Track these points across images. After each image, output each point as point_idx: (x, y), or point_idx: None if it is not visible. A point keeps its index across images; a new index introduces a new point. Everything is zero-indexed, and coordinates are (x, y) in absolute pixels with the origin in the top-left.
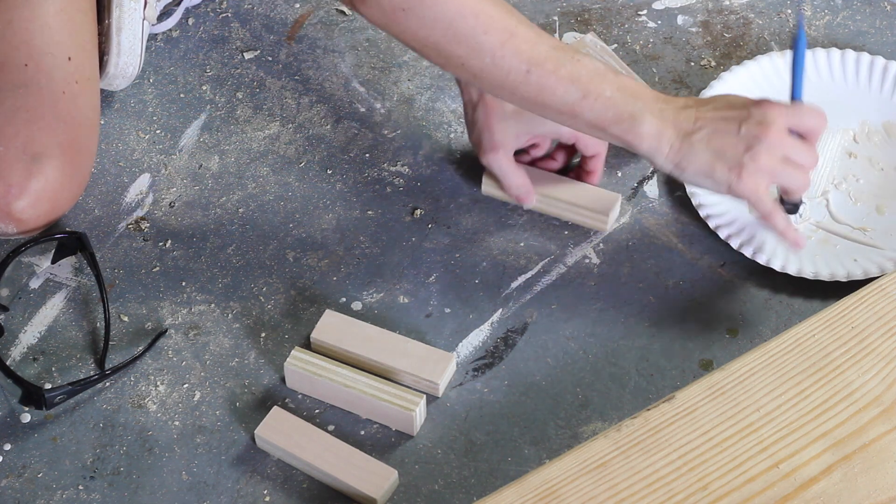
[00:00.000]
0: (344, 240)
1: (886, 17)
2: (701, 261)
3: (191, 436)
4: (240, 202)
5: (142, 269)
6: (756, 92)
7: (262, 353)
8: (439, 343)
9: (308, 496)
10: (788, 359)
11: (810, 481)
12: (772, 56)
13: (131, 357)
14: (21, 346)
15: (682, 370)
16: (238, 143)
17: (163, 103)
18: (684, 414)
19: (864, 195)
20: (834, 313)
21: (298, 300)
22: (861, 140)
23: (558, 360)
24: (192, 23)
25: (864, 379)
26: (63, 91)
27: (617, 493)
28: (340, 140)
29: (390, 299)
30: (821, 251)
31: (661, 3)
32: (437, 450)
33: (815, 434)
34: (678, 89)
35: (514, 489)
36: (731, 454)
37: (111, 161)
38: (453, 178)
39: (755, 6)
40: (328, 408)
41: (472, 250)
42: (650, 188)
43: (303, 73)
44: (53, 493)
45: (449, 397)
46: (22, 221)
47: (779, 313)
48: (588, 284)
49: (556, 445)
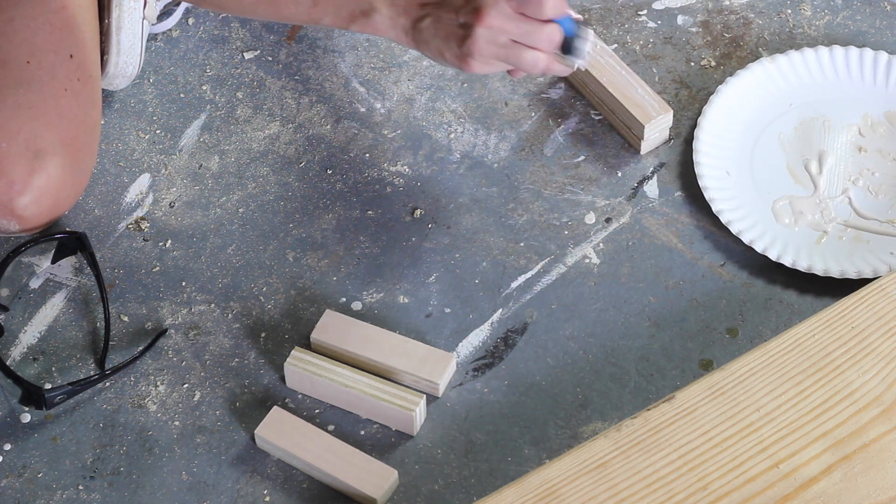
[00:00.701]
0: (344, 240)
1: (886, 16)
2: (701, 261)
3: (191, 436)
4: (240, 202)
5: (142, 269)
6: (761, 94)
7: (262, 353)
8: (439, 343)
9: (308, 496)
10: (788, 359)
11: (810, 481)
12: (791, 54)
13: (131, 357)
14: (21, 346)
15: (682, 370)
16: (238, 143)
17: (163, 103)
18: (684, 414)
19: (883, 187)
20: (834, 313)
21: (298, 300)
22: (867, 133)
23: (558, 360)
24: (192, 23)
25: (864, 379)
26: (65, 88)
27: (617, 493)
28: (340, 140)
29: (390, 299)
30: (856, 249)
31: (661, 3)
32: (437, 450)
33: (815, 434)
34: (678, 89)
35: (514, 489)
36: (731, 454)
37: (111, 161)
38: (453, 178)
39: (755, 6)
40: (328, 408)
41: (472, 250)
42: (650, 188)
43: (303, 73)
44: (53, 493)
45: (449, 397)
46: (24, 218)
47: (779, 313)
48: (588, 284)
49: (556, 445)
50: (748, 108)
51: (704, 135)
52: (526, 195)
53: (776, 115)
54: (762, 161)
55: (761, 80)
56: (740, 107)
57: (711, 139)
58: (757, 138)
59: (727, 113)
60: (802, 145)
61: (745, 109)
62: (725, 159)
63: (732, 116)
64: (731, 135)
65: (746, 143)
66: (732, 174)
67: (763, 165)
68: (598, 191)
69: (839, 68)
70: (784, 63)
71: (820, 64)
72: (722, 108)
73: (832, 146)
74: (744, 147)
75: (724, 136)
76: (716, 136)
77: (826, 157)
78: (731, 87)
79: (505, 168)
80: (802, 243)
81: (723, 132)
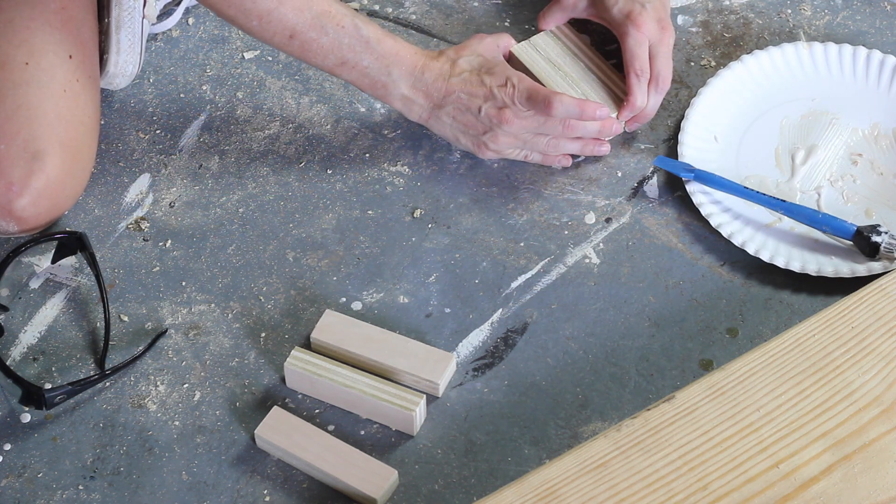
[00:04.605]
0: (344, 240)
1: (886, 17)
2: (701, 261)
3: (191, 436)
4: (240, 202)
5: (142, 269)
6: (753, 87)
7: (262, 353)
8: (439, 343)
9: (308, 496)
10: (788, 359)
11: (810, 481)
12: (769, 51)
13: (131, 357)
14: (21, 346)
15: (682, 370)
16: (238, 143)
17: (163, 103)
18: (684, 414)
19: (857, 197)
20: (834, 313)
21: (298, 300)
22: (869, 141)
23: (558, 360)
24: (192, 23)
25: (864, 379)
26: (64, 89)
27: (617, 493)
28: (340, 140)
29: (390, 299)
30: (806, 244)
31: None
32: (437, 450)
33: (815, 434)
34: (678, 89)
35: (514, 489)
36: (731, 454)
37: (111, 161)
38: (453, 178)
39: (755, 6)
40: (328, 408)
41: (472, 250)
42: (650, 188)
43: (303, 73)
44: (53, 493)
45: (449, 397)
46: (23, 219)
47: (779, 313)
48: (588, 284)
49: (556, 445)
50: (746, 96)
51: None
52: (526, 195)
53: (785, 101)
54: (754, 138)
55: (779, 65)
56: (738, 94)
57: (700, 132)
58: (757, 118)
59: (721, 101)
60: (800, 134)
61: (743, 97)
62: (716, 125)
63: (730, 99)
64: (727, 113)
65: (744, 122)
66: (720, 140)
67: (753, 142)
68: (598, 191)
69: (846, 68)
70: (813, 51)
71: (840, 61)
72: (714, 98)
73: (827, 143)
74: (736, 128)
75: (718, 117)
76: (703, 128)
77: (816, 151)
78: (721, 79)
79: (505, 168)
80: (794, 244)
81: (712, 124)
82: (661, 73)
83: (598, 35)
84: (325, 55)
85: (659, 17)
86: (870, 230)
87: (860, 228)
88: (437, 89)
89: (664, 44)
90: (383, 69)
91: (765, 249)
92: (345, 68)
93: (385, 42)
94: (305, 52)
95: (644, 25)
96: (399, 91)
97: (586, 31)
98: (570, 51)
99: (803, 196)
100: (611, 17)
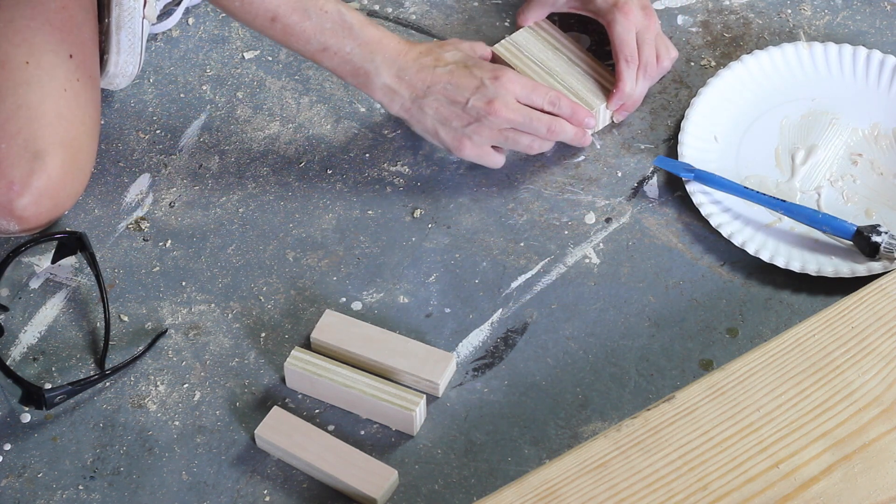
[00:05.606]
0: (344, 240)
1: (886, 17)
2: (701, 261)
3: (191, 436)
4: (240, 202)
5: (142, 269)
6: (753, 87)
7: (262, 353)
8: (439, 343)
9: (308, 496)
10: (788, 359)
11: (810, 481)
12: (769, 51)
13: (131, 357)
14: (21, 346)
15: (682, 370)
16: (238, 143)
17: (163, 103)
18: (684, 414)
19: (857, 197)
20: (834, 313)
21: (298, 300)
22: (869, 141)
23: (558, 360)
24: (192, 23)
25: (864, 379)
26: (65, 89)
27: (617, 493)
28: (340, 140)
29: (390, 299)
30: (806, 244)
31: (661, 3)
32: (437, 450)
33: (815, 434)
34: (678, 89)
35: (514, 489)
36: (731, 454)
37: (111, 161)
38: (453, 178)
39: (755, 6)
40: (328, 408)
41: (472, 250)
42: (650, 188)
43: (303, 73)
44: (53, 493)
45: (449, 397)
46: (24, 219)
47: (779, 313)
48: (588, 284)
49: (556, 445)
50: (746, 96)
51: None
52: (526, 195)
53: (785, 101)
54: (753, 138)
55: (779, 65)
56: (738, 93)
57: (699, 131)
58: (757, 118)
59: (722, 98)
60: (800, 134)
61: (743, 97)
62: (716, 125)
63: (732, 97)
64: (726, 113)
65: (743, 122)
66: (720, 140)
67: (753, 142)
68: (598, 191)
69: (847, 69)
70: (813, 51)
71: (840, 61)
72: (715, 96)
73: (827, 143)
74: (737, 127)
75: (717, 116)
76: (703, 128)
77: (816, 151)
78: (721, 79)
79: (505, 168)
80: (794, 243)
81: (714, 120)
82: (648, 59)
83: (598, 35)
84: (308, 40)
85: (643, 4)
86: (870, 230)
87: (860, 228)
88: (421, 79)
89: (650, 30)
90: (366, 56)
91: (765, 249)
92: (327, 54)
93: (368, 29)
94: (288, 37)
95: (631, 13)
96: (381, 80)
97: (586, 32)
98: (551, 45)
99: (803, 196)
100: (595, 6)
